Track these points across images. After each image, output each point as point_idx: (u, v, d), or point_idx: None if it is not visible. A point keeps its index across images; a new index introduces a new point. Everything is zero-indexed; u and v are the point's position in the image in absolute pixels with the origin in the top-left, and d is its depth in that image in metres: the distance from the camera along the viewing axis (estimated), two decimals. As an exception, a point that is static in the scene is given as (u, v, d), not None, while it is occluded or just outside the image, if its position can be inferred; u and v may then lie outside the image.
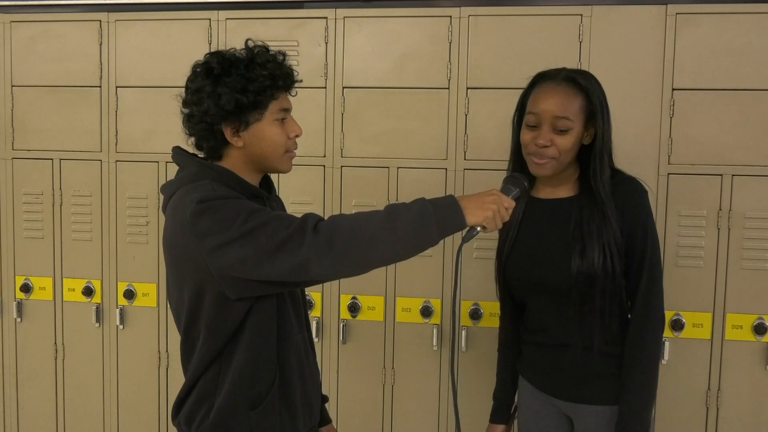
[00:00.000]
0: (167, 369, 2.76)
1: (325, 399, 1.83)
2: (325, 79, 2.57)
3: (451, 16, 2.47)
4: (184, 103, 1.55)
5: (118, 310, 2.76)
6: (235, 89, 1.47)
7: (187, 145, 1.60)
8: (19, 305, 2.84)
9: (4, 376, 2.90)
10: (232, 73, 1.48)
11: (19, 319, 2.86)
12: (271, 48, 1.55)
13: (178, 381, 1.74)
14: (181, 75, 1.57)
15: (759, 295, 2.35)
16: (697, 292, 2.38)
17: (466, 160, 2.50)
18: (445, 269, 2.53)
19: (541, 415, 1.85)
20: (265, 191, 1.61)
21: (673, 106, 2.36)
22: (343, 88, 2.56)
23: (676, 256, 2.37)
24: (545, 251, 1.75)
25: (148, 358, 2.77)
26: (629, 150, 2.24)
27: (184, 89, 1.55)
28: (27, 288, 2.82)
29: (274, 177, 1.73)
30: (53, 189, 2.79)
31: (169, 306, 1.75)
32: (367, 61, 2.54)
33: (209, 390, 1.54)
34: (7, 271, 2.85)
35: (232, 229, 1.39)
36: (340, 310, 2.61)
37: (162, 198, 1.61)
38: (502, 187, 1.62)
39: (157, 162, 2.70)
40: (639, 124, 2.37)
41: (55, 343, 2.84)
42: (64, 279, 2.81)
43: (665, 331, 2.19)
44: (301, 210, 1.86)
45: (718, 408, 2.39)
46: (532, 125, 1.70)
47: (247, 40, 1.55)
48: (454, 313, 1.64)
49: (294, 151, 1.60)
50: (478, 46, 2.46)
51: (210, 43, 2.62)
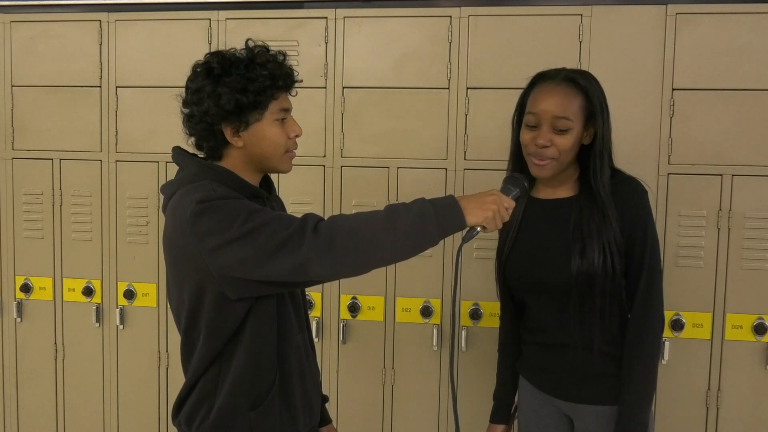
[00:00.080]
0: (167, 369, 2.76)
1: (325, 399, 1.83)
2: (325, 79, 2.57)
3: (451, 16, 2.47)
4: (184, 103, 1.55)
5: (118, 310, 2.76)
6: (235, 89, 1.47)
7: (187, 145, 1.60)
8: (19, 305, 2.84)
9: (4, 376, 2.90)
10: (233, 73, 1.48)
11: (19, 319, 2.86)
12: (271, 48, 1.55)
13: (178, 381, 1.74)
14: (181, 75, 1.57)
15: (759, 295, 2.35)
16: (697, 292, 2.38)
17: (466, 160, 2.50)
18: (445, 269, 2.53)
19: (541, 415, 1.85)
20: (265, 191, 1.61)
21: (673, 106, 2.36)
22: (343, 88, 2.56)
23: (676, 256, 2.37)
24: (545, 251, 1.75)
25: (148, 358, 2.77)
26: (629, 150, 2.24)
27: (184, 89, 1.55)
28: (27, 288, 2.82)
29: (274, 177, 1.73)
30: (53, 189, 2.79)
31: (169, 306, 1.75)
32: (367, 61, 2.54)
33: (209, 390, 1.54)
34: (7, 271, 2.85)
35: (232, 229, 1.39)
36: (340, 310, 2.60)
37: (162, 198, 1.61)
38: (502, 187, 1.62)
39: (157, 162, 2.70)
40: (639, 124, 2.37)
41: (55, 343, 2.84)
42: (64, 279, 2.81)
43: (665, 331, 2.19)
44: (301, 210, 1.86)
45: (718, 408, 2.39)
46: (531, 125, 1.70)
47: (247, 40, 1.56)
48: (454, 313, 1.64)
49: (294, 151, 1.60)
50: (478, 46, 2.46)
51: (210, 43, 2.62)
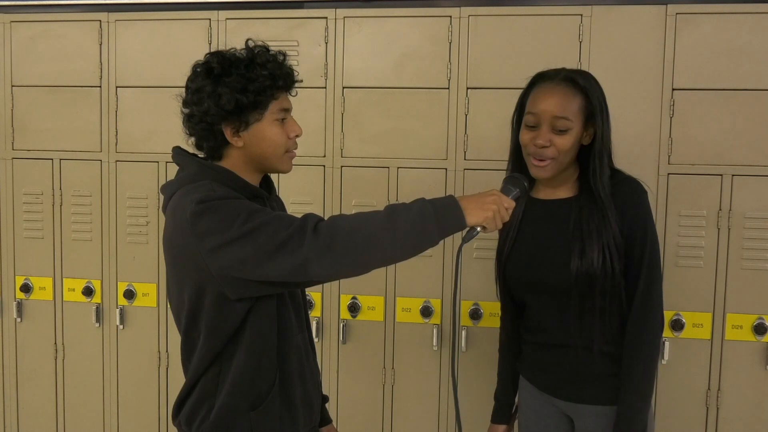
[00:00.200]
0: (167, 369, 2.76)
1: (325, 399, 1.83)
2: (325, 79, 2.57)
3: (451, 16, 2.47)
4: (184, 103, 1.55)
5: (118, 310, 2.76)
6: (235, 89, 1.47)
7: (188, 145, 1.60)
8: (19, 305, 2.84)
9: (4, 376, 2.90)
10: (233, 73, 1.48)
11: (19, 319, 2.86)
12: (272, 48, 1.55)
13: (178, 381, 1.74)
14: (181, 75, 1.57)
15: (759, 295, 2.35)
16: (697, 292, 2.38)
17: (466, 160, 2.50)
18: (445, 269, 2.53)
19: (541, 415, 1.85)
20: (265, 191, 1.61)
21: (673, 106, 2.36)
22: (343, 88, 2.56)
23: (676, 256, 2.37)
24: (545, 251, 1.75)
25: (148, 358, 2.77)
26: (629, 150, 2.24)
27: (185, 89, 1.55)
28: (27, 288, 2.82)
29: (274, 177, 1.73)
30: (53, 189, 2.79)
31: (169, 306, 1.75)
32: (367, 61, 2.54)
33: (210, 390, 1.54)
34: (7, 271, 2.85)
35: (232, 230, 1.39)
36: (340, 310, 2.60)
37: (162, 198, 1.61)
38: (502, 187, 1.62)
39: (157, 162, 2.69)
40: (639, 124, 2.37)
41: (55, 343, 2.84)
42: (64, 279, 2.81)
43: (665, 331, 2.20)
44: (301, 210, 1.87)
45: (718, 408, 2.39)
46: (531, 125, 1.70)
47: (247, 40, 1.55)
48: (454, 313, 1.64)
49: (294, 151, 1.60)
50: (478, 46, 2.46)
51: (210, 43, 2.62)
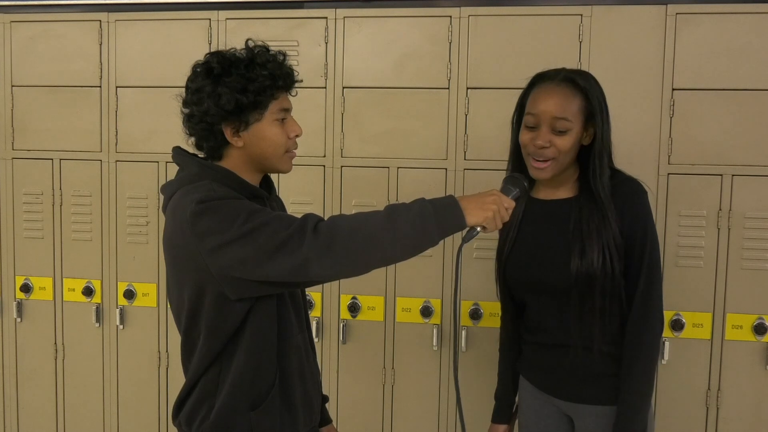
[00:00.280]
0: (167, 369, 2.76)
1: (325, 399, 1.83)
2: (325, 79, 2.57)
3: (451, 16, 2.47)
4: (184, 103, 1.55)
5: (118, 310, 2.76)
6: (235, 89, 1.47)
7: (188, 145, 1.60)
8: (19, 305, 2.84)
9: (4, 376, 2.90)
10: (232, 73, 1.48)
11: (19, 319, 2.86)
12: (271, 48, 1.55)
13: (178, 381, 1.74)
14: (181, 75, 1.57)
15: (759, 295, 2.35)
16: (697, 292, 2.38)
17: (466, 160, 2.50)
18: (445, 269, 2.53)
19: (541, 414, 1.85)
20: (265, 191, 1.61)
21: (673, 106, 2.36)
22: (343, 88, 2.56)
23: (676, 256, 2.37)
24: (545, 251, 1.75)
25: (148, 358, 2.77)
26: (629, 150, 2.23)
27: (184, 89, 1.55)
28: (27, 288, 2.82)
29: (274, 177, 1.73)
30: (53, 189, 2.79)
31: (169, 306, 1.75)
32: (367, 61, 2.54)
33: (210, 390, 1.54)
34: (7, 271, 2.85)
35: (232, 230, 1.39)
36: (340, 310, 2.60)
37: (162, 198, 1.61)
38: (502, 187, 1.62)
39: (157, 162, 2.69)
40: (639, 124, 2.37)
41: (55, 343, 2.84)
42: (64, 279, 2.81)
43: (665, 331, 2.20)
44: (301, 210, 1.87)
45: (718, 408, 2.39)
46: (531, 126, 1.70)
47: (247, 40, 1.55)
48: (455, 313, 1.63)
49: (294, 151, 1.60)
50: (478, 46, 2.46)
51: (210, 43, 2.62)
